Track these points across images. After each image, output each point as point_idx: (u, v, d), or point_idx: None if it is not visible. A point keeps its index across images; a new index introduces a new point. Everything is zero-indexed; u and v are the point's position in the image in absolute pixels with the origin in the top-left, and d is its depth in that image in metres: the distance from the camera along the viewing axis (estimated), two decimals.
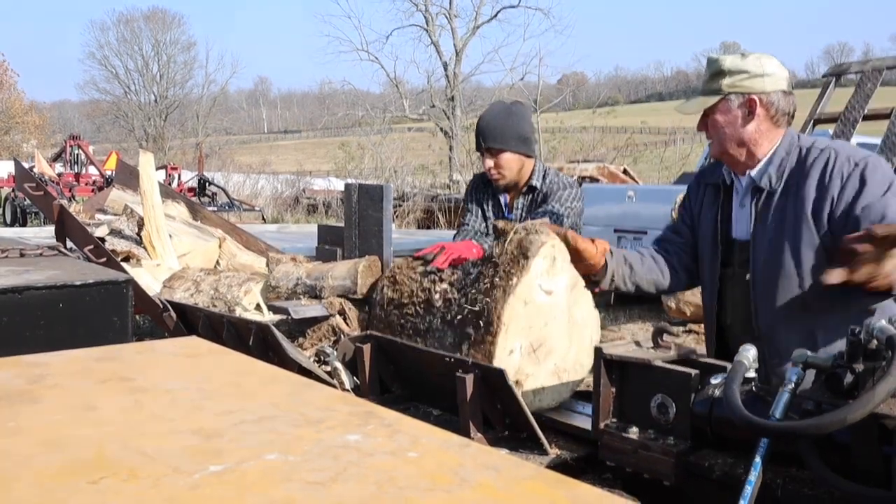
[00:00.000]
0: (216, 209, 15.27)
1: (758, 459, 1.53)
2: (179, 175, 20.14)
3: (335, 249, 3.11)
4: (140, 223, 4.04)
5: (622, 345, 1.93)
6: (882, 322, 1.42)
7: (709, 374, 1.77)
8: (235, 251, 4.27)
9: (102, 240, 3.81)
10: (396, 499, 0.70)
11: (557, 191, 3.04)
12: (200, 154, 24.09)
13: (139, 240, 3.98)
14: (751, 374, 1.67)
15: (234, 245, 4.33)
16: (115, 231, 4.06)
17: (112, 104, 53.66)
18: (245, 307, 3.10)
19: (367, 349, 2.22)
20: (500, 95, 29.16)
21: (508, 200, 3.18)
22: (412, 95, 33.16)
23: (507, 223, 2.23)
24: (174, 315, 3.05)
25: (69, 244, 3.69)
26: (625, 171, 13.19)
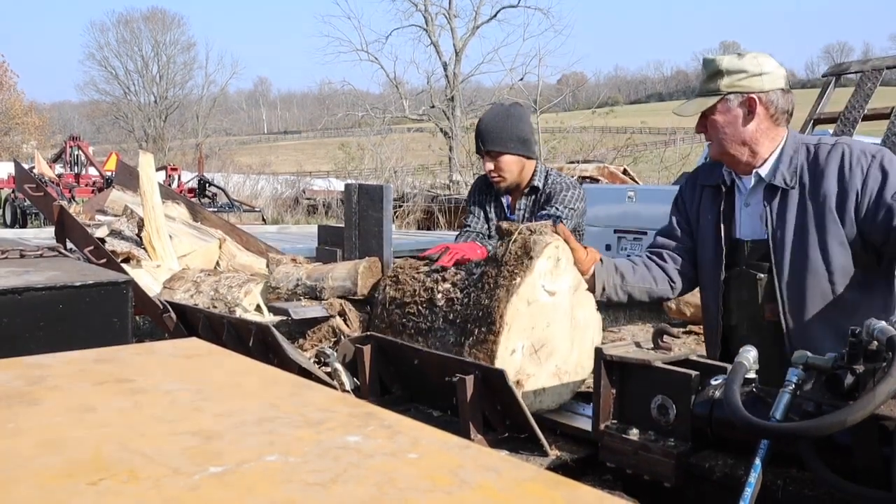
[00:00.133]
0: (216, 210, 15.27)
1: (758, 461, 1.53)
2: (179, 176, 20.12)
3: (335, 250, 3.11)
4: (140, 224, 4.04)
5: (622, 346, 1.93)
6: (882, 323, 1.42)
7: (709, 376, 1.77)
8: (235, 252, 4.27)
9: (102, 241, 3.81)
10: (396, 500, 0.70)
11: (560, 192, 3.04)
12: (200, 155, 24.10)
13: (139, 241, 3.98)
14: (751, 376, 1.67)
15: (234, 246, 4.33)
16: (115, 232, 4.06)
17: (112, 105, 53.69)
18: (245, 308, 3.10)
19: (368, 350, 2.22)
20: (500, 95, 29.17)
21: (511, 202, 3.18)
22: (412, 96, 33.15)
23: (511, 224, 2.23)
24: (174, 316, 3.05)
25: (69, 245, 3.70)
26: (625, 172, 13.21)
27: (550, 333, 2.16)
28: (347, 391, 2.31)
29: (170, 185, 15.51)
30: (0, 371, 1.11)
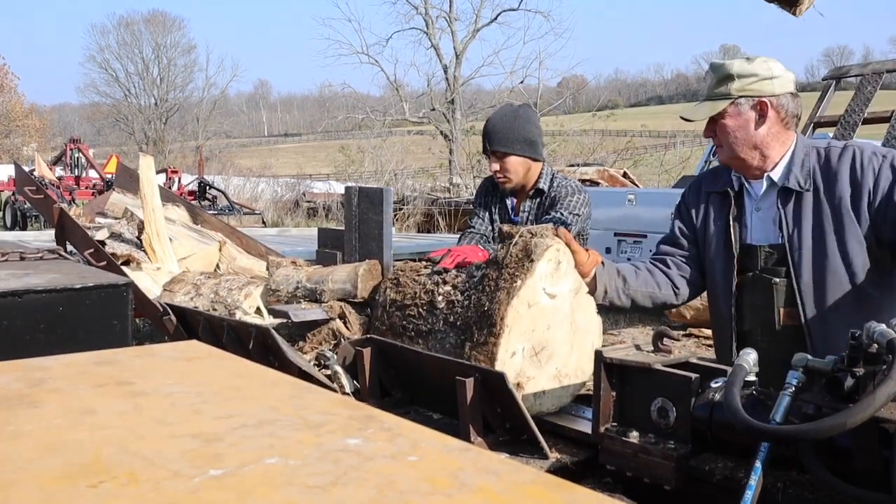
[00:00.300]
0: (216, 213, 15.29)
1: (758, 463, 1.53)
2: (179, 178, 20.14)
3: (335, 253, 3.11)
4: (140, 227, 4.04)
5: (622, 348, 1.93)
6: (882, 326, 1.42)
7: (709, 379, 1.77)
8: (235, 255, 4.27)
9: (102, 243, 3.81)
10: (396, 503, 0.70)
11: (566, 196, 3.03)
12: (200, 157, 24.10)
13: (139, 243, 3.98)
14: (751, 378, 1.67)
15: (235, 248, 4.33)
16: (116, 234, 4.06)
17: (112, 107, 53.77)
18: (245, 311, 3.10)
19: (368, 353, 2.22)
20: (501, 98, 29.20)
21: (515, 204, 3.18)
22: (412, 98, 33.17)
23: (513, 227, 2.23)
24: (174, 319, 3.05)
25: (69, 248, 3.70)
26: (625, 175, 13.20)
27: (551, 336, 2.16)
28: (347, 394, 2.30)
29: (170, 188, 15.54)
30: (0, 373, 1.11)
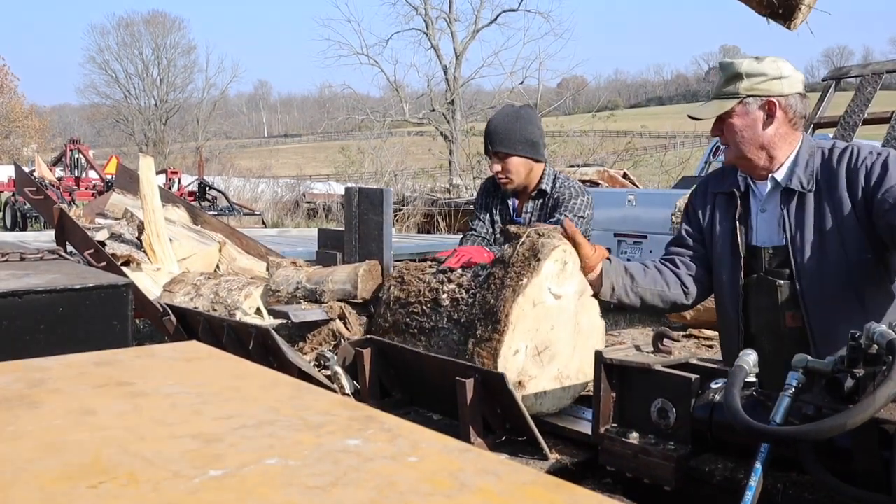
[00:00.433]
0: (216, 213, 15.29)
1: (758, 464, 1.53)
2: (179, 179, 20.15)
3: (335, 253, 3.11)
4: (140, 227, 4.04)
5: (622, 349, 1.93)
6: (882, 327, 1.42)
7: (709, 379, 1.77)
8: (235, 255, 4.27)
9: (102, 244, 3.81)
10: (396, 503, 0.70)
11: (570, 199, 3.02)
12: (200, 158, 24.12)
13: (139, 244, 3.98)
14: (751, 379, 1.67)
15: (235, 249, 4.33)
16: (116, 235, 4.06)
17: (112, 108, 53.81)
18: (245, 311, 3.10)
19: (368, 353, 2.22)
20: (501, 99, 29.22)
21: (517, 205, 3.17)
22: (412, 99, 33.19)
23: (520, 227, 2.22)
24: (174, 319, 3.05)
25: (69, 248, 3.70)
26: (625, 175, 13.20)
27: (554, 337, 2.16)
28: (347, 394, 2.30)
29: (170, 189, 15.54)
30: (0, 374, 1.11)
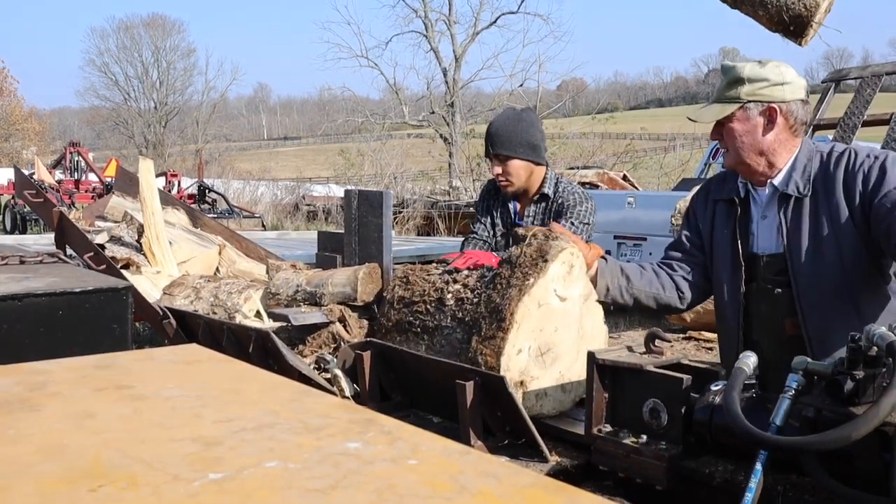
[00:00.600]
0: (216, 216, 15.30)
1: (758, 467, 1.53)
2: (179, 182, 20.17)
3: (335, 256, 3.11)
4: (140, 230, 4.04)
5: (615, 350, 1.94)
6: (882, 329, 1.42)
7: (700, 380, 1.77)
8: (235, 258, 4.27)
9: (102, 247, 3.81)
10: None
11: (574, 205, 3.02)
12: (200, 161, 24.15)
13: (139, 247, 3.98)
14: (751, 381, 1.67)
15: (234, 252, 4.33)
16: (115, 238, 4.06)
17: (112, 111, 53.85)
18: (245, 314, 3.10)
19: (367, 356, 2.22)
20: (500, 102, 29.26)
21: (519, 209, 3.17)
22: (412, 102, 33.24)
23: (527, 228, 2.23)
24: (174, 322, 3.05)
25: (69, 251, 3.70)
26: (624, 178, 13.23)
27: (558, 338, 2.16)
28: (347, 397, 2.30)
29: (169, 191, 15.55)
30: (0, 377, 1.11)
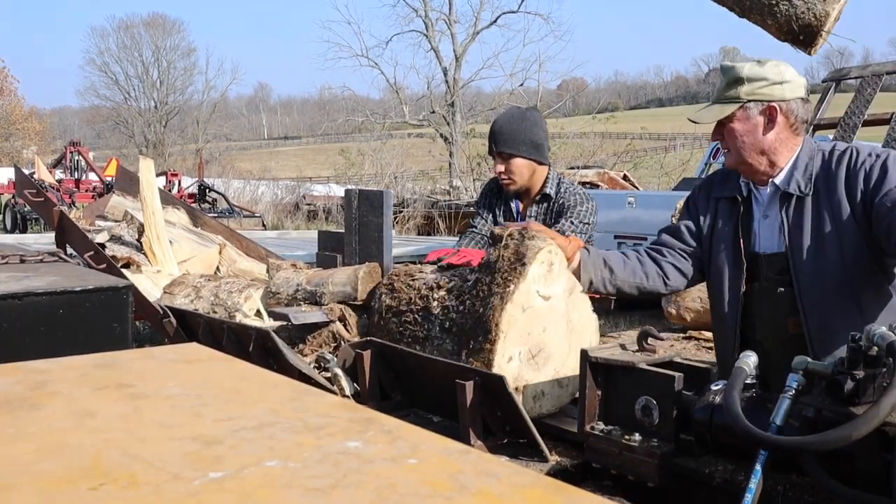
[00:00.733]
0: (216, 215, 15.30)
1: (758, 467, 1.53)
2: (179, 181, 20.18)
3: (335, 256, 3.11)
4: (140, 229, 4.04)
5: (607, 348, 1.94)
6: (882, 328, 1.42)
7: (693, 378, 1.78)
8: (236, 257, 4.27)
9: (103, 246, 3.81)
10: None
11: (575, 206, 3.03)
12: (200, 160, 24.15)
13: (139, 246, 3.99)
14: (751, 381, 1.67)
15: (235, 251, 4.34)
16: (116, 237, 4.06)
17: (112, 110, 53.88)
18: (245, 313, 3.10)
19: (368, 355, 2.22)
20: (500, 101, 29.28)
21: (521, 208, 3.18)
22: (412, 101, 33.25)
23: (503, 228, 2.21)
24: (174, 321, 3.05)
25: (69, 250, 3.70)
26: (625, 177, 13.22)
27: (547, 338, 2.16)
28: (347, 396, 2.30)
29: (170, 191, 15.56)
30: (0, 376, 1.11)
